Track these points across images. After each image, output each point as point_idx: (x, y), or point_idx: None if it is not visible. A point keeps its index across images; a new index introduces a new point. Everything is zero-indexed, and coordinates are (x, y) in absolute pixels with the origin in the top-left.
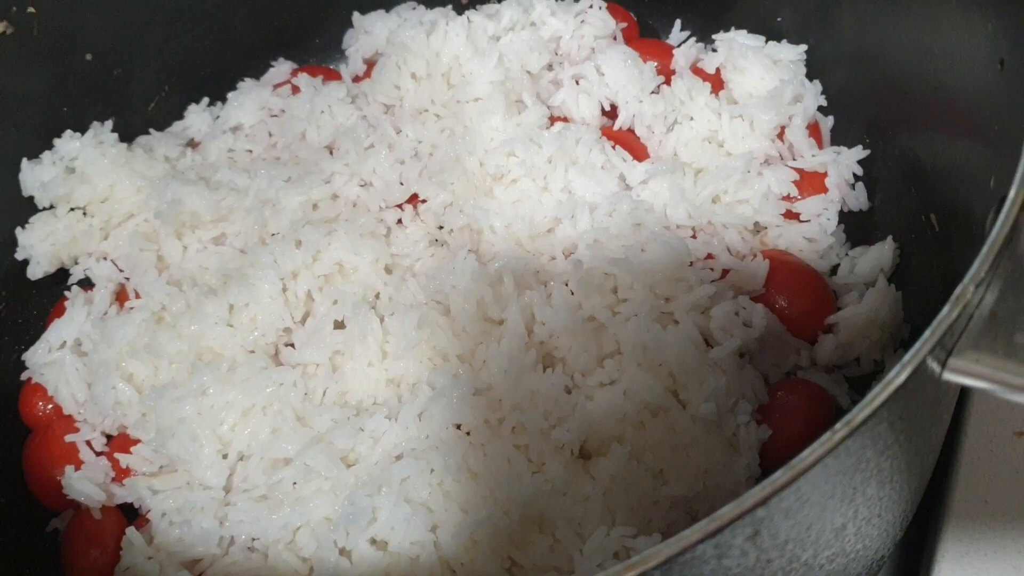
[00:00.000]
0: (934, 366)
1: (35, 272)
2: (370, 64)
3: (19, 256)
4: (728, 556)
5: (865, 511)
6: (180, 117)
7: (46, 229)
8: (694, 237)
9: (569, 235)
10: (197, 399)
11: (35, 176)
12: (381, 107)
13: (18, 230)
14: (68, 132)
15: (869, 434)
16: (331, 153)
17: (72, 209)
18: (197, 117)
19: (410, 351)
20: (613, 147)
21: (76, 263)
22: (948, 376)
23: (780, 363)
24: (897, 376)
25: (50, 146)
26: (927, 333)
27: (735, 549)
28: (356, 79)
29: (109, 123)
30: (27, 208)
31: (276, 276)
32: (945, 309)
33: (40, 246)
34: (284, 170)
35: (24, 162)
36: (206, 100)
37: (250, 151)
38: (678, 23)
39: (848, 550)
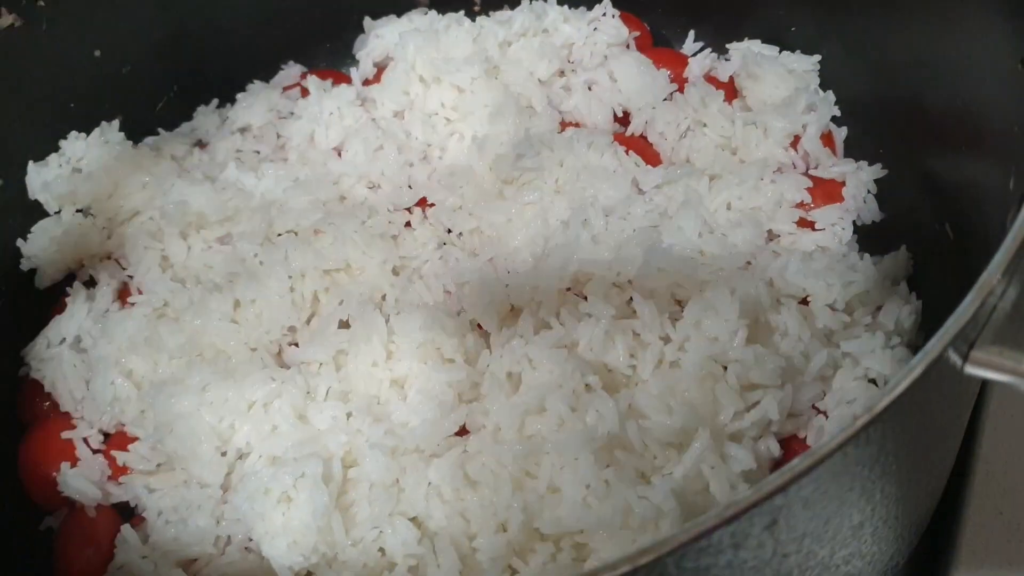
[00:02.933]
0: (956, 358)
1: (42, 282)
2: (380, 68)
3: (24, 267)
4: (744, 547)
5: (883, 510)
6: (189, 118)
7: (48, 236)
8: None
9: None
10: (197, 395)
11: (40, 178)
12: (391, 110)
13: (19, 241)
14: (73, 133)
15: (890, 424)
16: (339, 155)
17: (77, 211)
18: (206, 118)
19: (415, 352)
20: (627, 152)
21: (82, 266)
22: (970, 369)
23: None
24: (919, 364)
25: (55, 147)
26: (949, 322)
27: (752, 539)
28: (366, 83)
29: (116, 122)
30: (33, 212)
31: (285, 273)
32: (968, 299)
33: (44, 255)
34: (292, 171)
35: (30, 164)
36: (215, 102)
37: (258, 152)
38: (692, 34)
39: (864, 551)
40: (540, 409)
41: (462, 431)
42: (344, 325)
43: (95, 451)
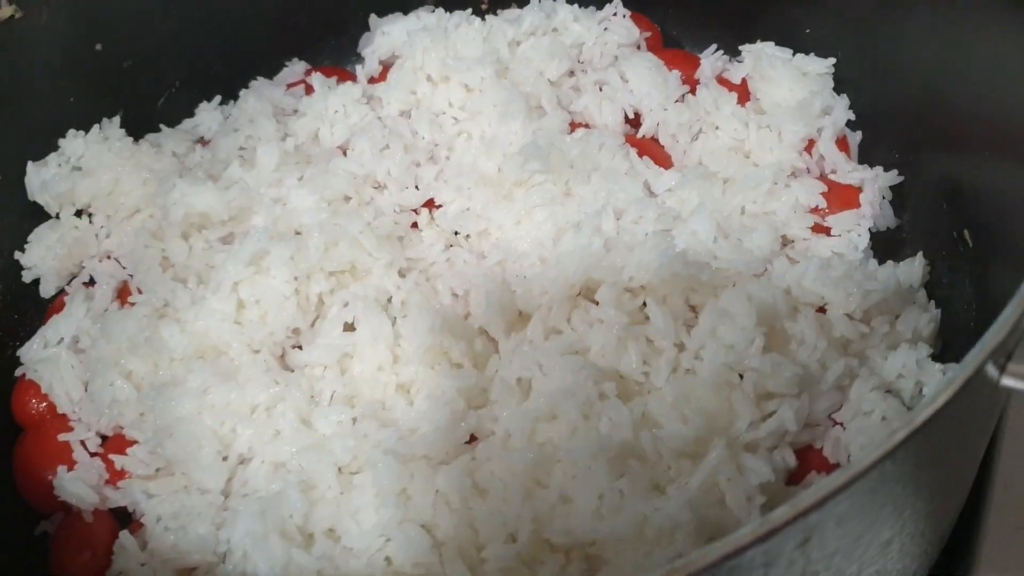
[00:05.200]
0: (993, 371)
1: (47, 290)
2: (386, 66)
3: (26, 278)
4: (776, 565)
5: (911, 527)
6: (190, 114)
7: (44, 244)
8: None
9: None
10: (198, 398)
11: (39, 177)
12: (397, 109)
13: (17, 253)
14: (72, 131)
15: (927, 437)
16: (344, 154)
17: (77, 213)
18: (208, 115)
19: (422, 356)
20: (640, 155)
21: (82, 268)
22: (1006, 381)
23: None
24: (959, 377)
25: (55, 143)
26: (988, 334)
27: (783, 558)
28: (372, 81)
29: (117, 119)
30: (31, 210)
31: (290, 274)
32: (1008, 310)
33: (44, 263)
34: (296, 169)
35: (29, 165)
36: (218, 98)
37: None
38: (703, 35)
39: (891, 568)
40: (552, 416)
41: (470, 438)
42: (349, 328)
43: (93, 454)
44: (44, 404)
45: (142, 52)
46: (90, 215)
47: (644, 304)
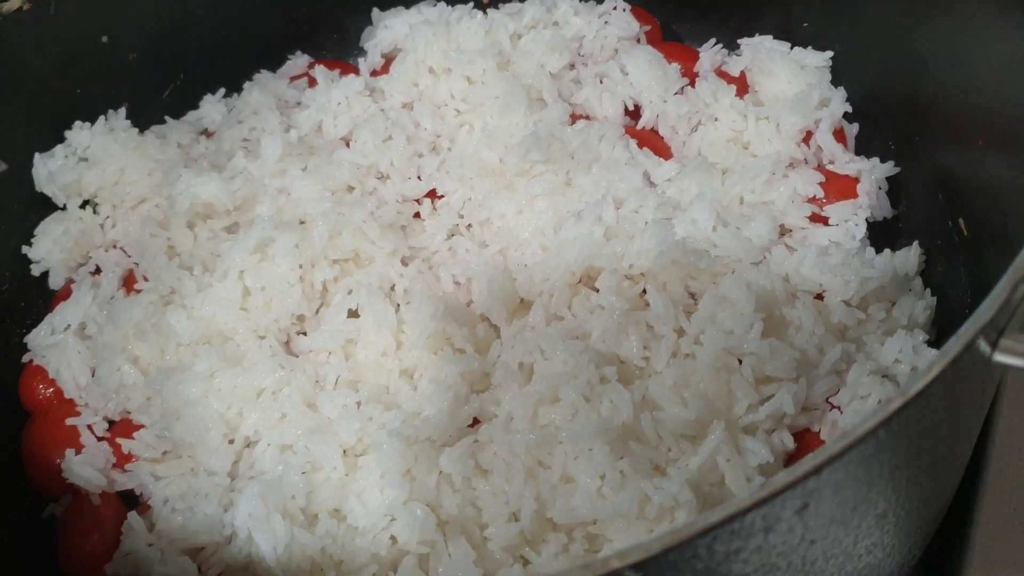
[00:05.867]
0: (985, 346)
1: (56, 282)
2: (388, 59)
3: (36, 272)
4: (775, 530)
5: (906, 500)
6: (195, 107)
7: (52, 236)
8: None
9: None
10: (205, 382)
11: (46, 168)
12: (399, 101)
13: (25, 248)
14: (78, 123)
15: (921, 409)
16: (347, 146)
17: (84, 204)
18: (212, 107)
19: (425, 342)
20: (639, 146)
21: (88, 258)
22: (999, 357)
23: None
24: (951, 349)
25: (61, 135)
26: (981, 309)
27: (783, 523)
28: (374, 73)
29: (123, 110)
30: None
31: (295, 262)
32: (999, 286)
33: (51, 256)
34: (300, 160)
35: (36, 156)
36: (222, 91)
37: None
38: (702, 29)
39: (886, 542)
40: (554, 399)
41: (473, 421)
42: (353, 315)
43: (100, 439)
44: (51, 389)
45: (148, 45)
46: (95, 205)
47: (644, 291)
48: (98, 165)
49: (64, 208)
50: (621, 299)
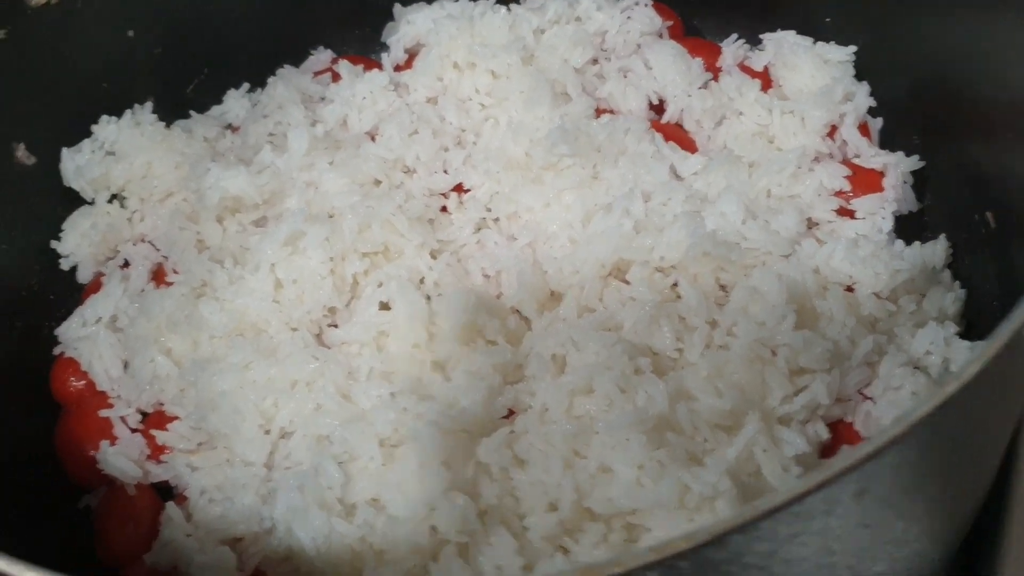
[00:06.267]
0: None
1: (85, 276)
2: (411, 54)
3: (64, 266)
4: (834, 513)
5: (955, 486)
6: (219, 101)
7: (80, 230)
8: None
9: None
10: (239, 373)
11: (74, 163)
12: (424, 96)
13: (54, 242)
14: (105, 117)
15: (974, 392)
16: (372, 140)
17: (112, 199)
18: (236, 102)
19: (457, 334)
20: (665, 140)
21: (117, 252)
22: None
23: None
24: (1005, 331)
25: (87, 129)
26: None
27: (841, 506)
28: (397, 68)
29: (148, 104)
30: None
31: (325, 255)
32: None
33: (80, 251)
34: (327, 154)
35: (64, 151)
36: (246, 85)
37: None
38: (724, 23)
39: (934, 529)
40: (588, 390)
41: (508, 412)
42: (384, 307)
43: (133, 430)
44: (83, 382)
45: (173, 39)
46: (123, 199)
47: (675, 283)
48: (125, 159)
49: (92, 202)
50: (652, 291)
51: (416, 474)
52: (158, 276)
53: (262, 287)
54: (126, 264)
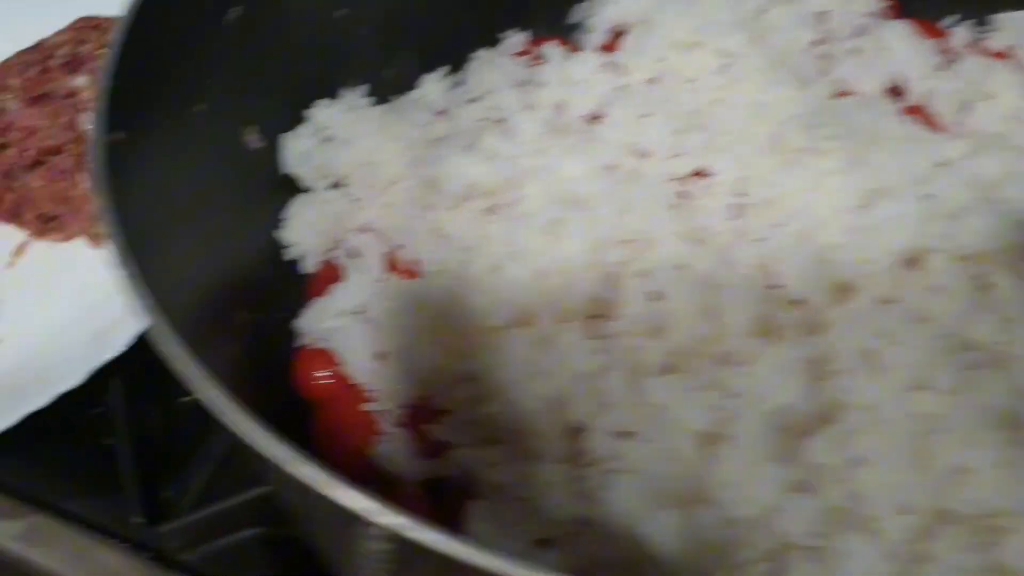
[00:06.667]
0: None
1: (308, 266)
2: (616, 34)
3: (291, 255)
4: None
5: None
6: (414, 86)
7: (304, 219)
8: None
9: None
10: (521, 366)
11: (293, 150)
12: (644, 76)
13: (275, 232)
14: (322, 101)
15: None
16: (593, 124)
17: (334, 186)
18: (434, 86)
19: (747, 327)
20: (917, 122)
21: (340, 241)
22: None
23: None
24: None
25: (299, 115)
26: None
27: None
28: (605, 48)
29: (361, 88)
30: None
31: (587, 242)
32: None
33: (305, 240)
34: (555, 138)
35: (284, 137)
36: (445, 69)
37: (501, 120)
38: (957, 15)
39: None
40: (921, 386)
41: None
42: (654, 297)
43: (400, 425)
44: (333, 375)
45: (377, 21)
46: (345, 186)
47: (984, 272)
48: (347, 145)
49: (310, 190)
50: (961, 280)
51: (750, 473)
52: (392, 265)
53: (523, 276)
54: (354, 253)
